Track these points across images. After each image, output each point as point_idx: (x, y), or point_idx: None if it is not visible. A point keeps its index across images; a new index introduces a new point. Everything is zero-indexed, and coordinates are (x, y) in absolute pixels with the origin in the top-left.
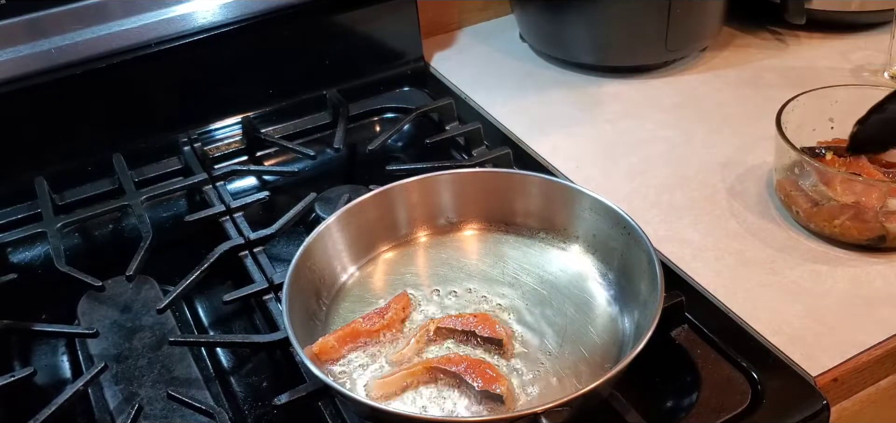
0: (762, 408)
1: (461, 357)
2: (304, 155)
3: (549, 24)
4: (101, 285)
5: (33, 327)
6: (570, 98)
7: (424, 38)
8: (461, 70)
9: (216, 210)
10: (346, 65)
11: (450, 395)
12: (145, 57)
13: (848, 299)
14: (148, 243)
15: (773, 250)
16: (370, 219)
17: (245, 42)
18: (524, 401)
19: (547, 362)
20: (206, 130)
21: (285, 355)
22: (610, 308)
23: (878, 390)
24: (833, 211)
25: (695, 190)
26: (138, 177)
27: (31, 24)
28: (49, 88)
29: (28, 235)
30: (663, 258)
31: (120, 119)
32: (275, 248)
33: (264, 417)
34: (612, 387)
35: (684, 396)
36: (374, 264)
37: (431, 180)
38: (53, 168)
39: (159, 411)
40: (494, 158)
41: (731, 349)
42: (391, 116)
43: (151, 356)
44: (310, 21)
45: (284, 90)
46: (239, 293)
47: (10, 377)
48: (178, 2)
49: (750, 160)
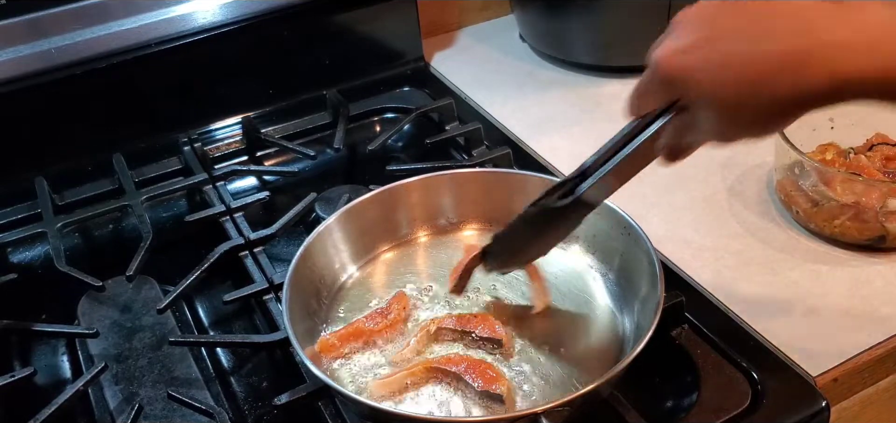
0: (762, 408)
1: (461, 357)
2: (304, 155)
3: (549, 24)
4: (101, 285)
5: (33, 327)
6: (570, 98)
7: (424, 38)
8: (461, 70)
9: (216, 210)
10: (346, 65)
11: (450, 395)
12: (145, 57)
13: (848, 299)
14: (148, 243)
15: (773, 250)
16: (370, 219)
17: (245, 42)
18: (524, 401)
19: (547, 362)
20: (206, 130)
21: (285, 355)
22: (610, 308)
23: (877, 390)
24: (833, 211)
25: (695, 190)
26: (138, 177)
27: (31, 24)
28: (49, 88)
29: (28, 235)
30: (663, 258)
31: (120, 119)
32: (275, 248)
33: (264, 417)
34: (612, 387)
35: (684, 396)
36: (374, 264)
37: (431, 180)
38: (53, 168)
39: (159, 411)
40: (494, 158)
41: (731, 349)
42: (391, 116)
43: (151, 356)
44: (310, 21)
45: (284, 90)
46: (239, 293)
47: (10, 377)
48: (178, 2)
49: (750, 160)
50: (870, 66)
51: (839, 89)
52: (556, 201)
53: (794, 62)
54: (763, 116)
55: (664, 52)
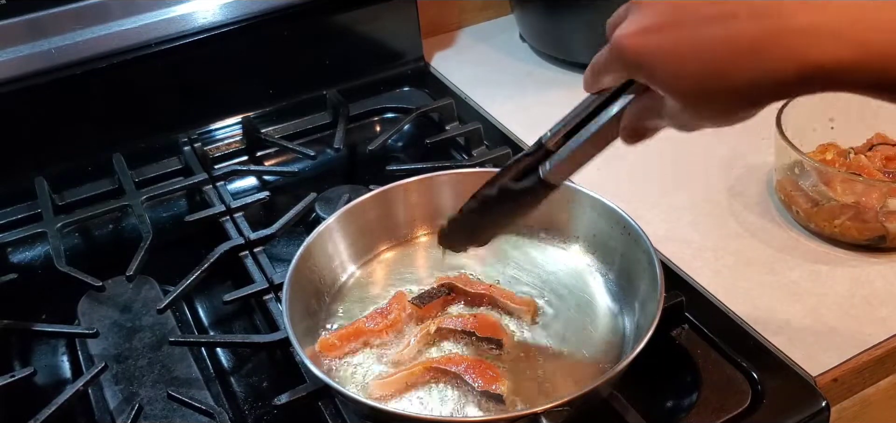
0: (762, 408)
1: (461, 357)
2: (304, 155)
3: (549, 24)
4: (101, 285)
5: (33, 327)
6: (570, 98)
7: (424, 38)
8: (461, 70)
9: (216, 210)
10: (346, 65)
11: (450, 395)
12: (145, 57)
13: (848, 299)
14: (148, 243)
15: (773, 250)
16: (370, 219)
17: (245, 42)
18: (524, 401)
19: (547, 361)
20: (206, 130)
21: (285, 355)
22: (610, 308)
23: (878, 390)
24: (833, 211)
25: (695, 190)
26: (138, 177)
27: (31, 24)
28: (49, 88)
29: (28, 235)
30: (663, 258)
31: (120, 119)
32: (275, 248)
33: (264, 417)
34: (612, 387)
35: (684, 396)
36: (374, 264)
37: (431, 180)
38: (53, 168)
39: (159, 411)
40: (494, 158)
41: (731, 349)
42: (391, 116)
43: (151, 356)
44: (310, 21)
45: (284, 90)
46: (239, 293)
47: (10, 377)
48: (178, 2)
49: (750, 160)
50: (841, 53)
51: (809, 78)
52: (516, 183)
53: (758, 48)
54: (728, 104)
55: (626, 32)
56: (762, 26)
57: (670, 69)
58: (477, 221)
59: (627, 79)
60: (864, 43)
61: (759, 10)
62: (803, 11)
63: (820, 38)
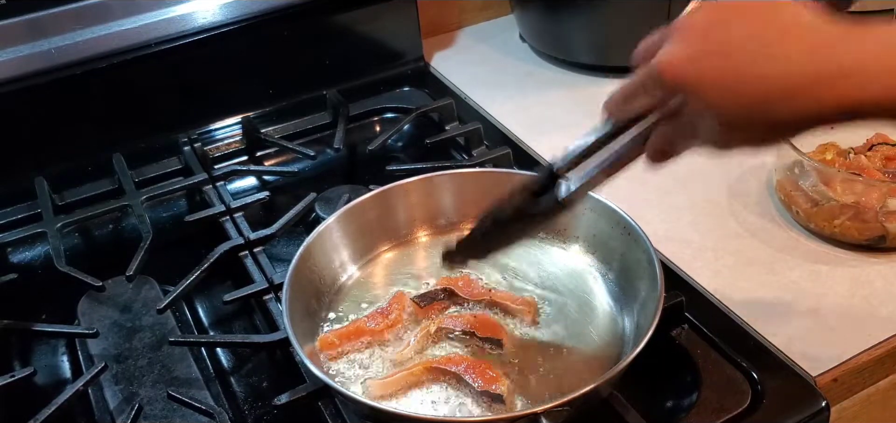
0: (762, 408)
1: (461, 357)
2: (304, 155)
3: (549, 24)
4: (101, 285)
5: (33, 327)
6: (570, 98)
7: (424, 38)
8: (461, 70)
9: (216, 210)
10: (346, 65)
11: (450, 395)
12: (145, 57)
13: (848, 299)
14: (148, 243)
15: (773, 250)
16: (370, 219)
17: (245, 42)
18: (524, 401)
19: (547, 362)
20: (206, 130)
21: (285, 355)
22: (610, 308)
23: (878, 390)
24: (833, 211)
25: (695, 190)
26: (138, 177)
27: (31, 24)
28: (49, 88)
29: (28, 235)
30: (663, 258)
31: (120, 119)
32: (275, 248)
33: (264, 417)
34: (612, 387)
35: (684, 396)
36: (374, 264)
37: (431, 180)
38: (53, 168)
39: (159, 411)
40: (494, 158)
41: (731, 349)
42: (391, 116)
43: (151, 356)
44: (310, 21)
45: (284, 90)
46: (239, 293)
47: (10, 377)
48: (178, 2)
49: (750, 160)
50: (879, 92)
51: (848, 113)
52: (536, 204)
53: (805, 86)
54: (767, 131)
55: (672, 59)
56: (809, 68)
57: (719, 95)
58: (490, 240)
59: (663, 104)
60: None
61: (806, 50)
62: (849, 53)
63: (862, 79)
